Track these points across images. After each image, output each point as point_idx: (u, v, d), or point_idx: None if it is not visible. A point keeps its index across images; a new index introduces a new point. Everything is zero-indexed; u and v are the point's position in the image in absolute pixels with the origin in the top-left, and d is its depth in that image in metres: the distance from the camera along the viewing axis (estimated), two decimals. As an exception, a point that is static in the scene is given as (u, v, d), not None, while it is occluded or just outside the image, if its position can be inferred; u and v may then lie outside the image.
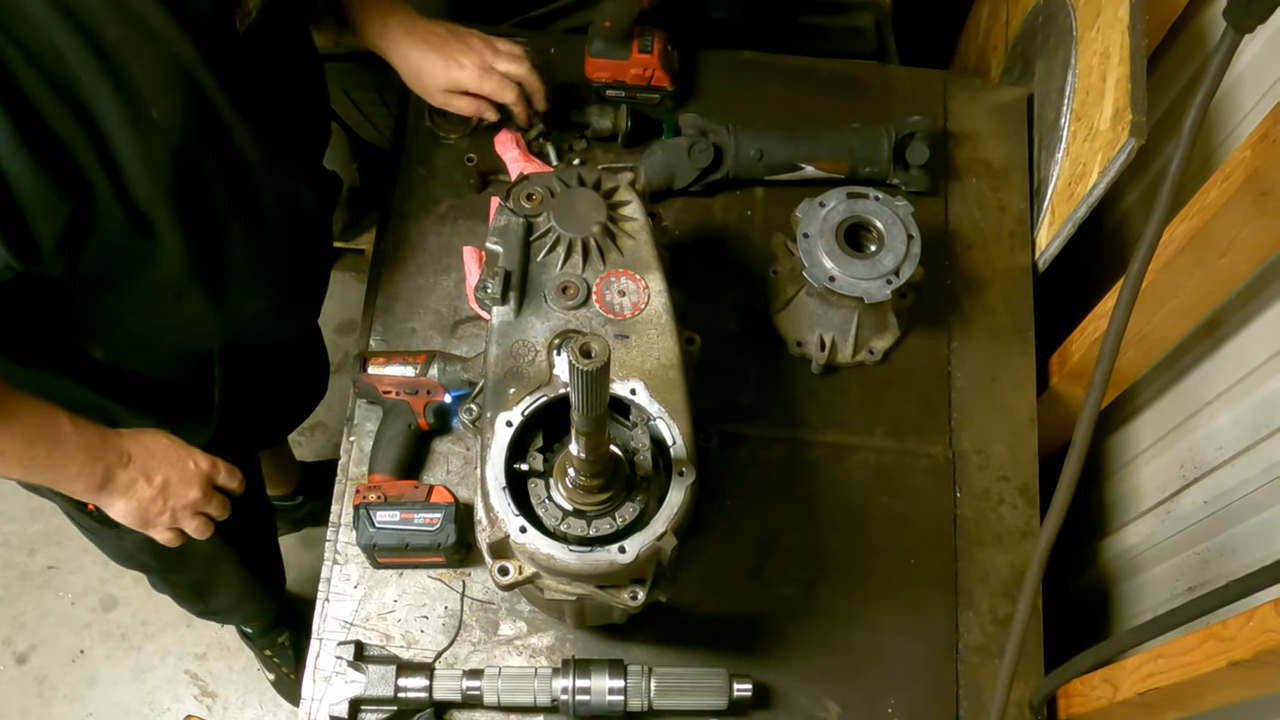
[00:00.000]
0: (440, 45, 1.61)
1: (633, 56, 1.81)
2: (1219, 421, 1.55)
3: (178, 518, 1.51)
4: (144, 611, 2.61)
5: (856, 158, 1.80)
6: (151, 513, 1.48)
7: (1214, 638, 1.17)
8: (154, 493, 1.47)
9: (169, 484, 1.48)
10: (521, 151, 1.78)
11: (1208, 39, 1.66)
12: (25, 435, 1.35)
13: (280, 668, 2.50)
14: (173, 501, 1.49)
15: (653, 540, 1.21)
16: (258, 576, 2.12)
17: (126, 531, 1.70)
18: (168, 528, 1.52)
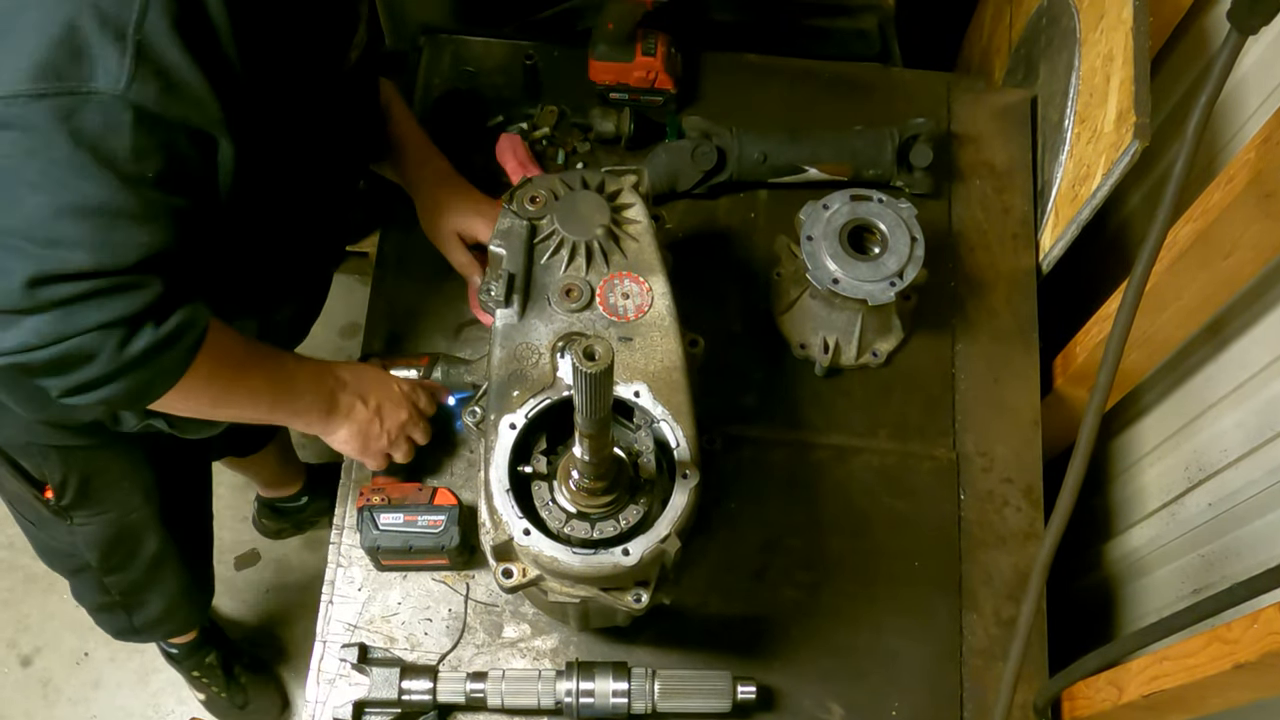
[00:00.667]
0: (466, 195, 1.66)
1: (636, 59, 1.81)
2: (1223, 424, 1.55)
3: (393, 440, 1.53)
4: (148, 614, 2.61)
5: (860, 160, 1.80)
6: (371, 435, 1.50)
7: (1219, 640, 1.17)
8: (370, 415, 1.49)
9: (382, 406, 1.50)
10: (518, 162, 1.78)
11: (1211, 41, 1.65)
12: (267, 376, 1.38)
13: (210, 687, 2.45)
14: (388, 423, 1.51)
15: (656, 542, 1.21)
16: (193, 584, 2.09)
17: (79, 524, 1.71)
18: (383, 452, 1.53)
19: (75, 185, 1.05)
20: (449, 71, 1.92)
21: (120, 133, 1.05)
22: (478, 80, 1.91)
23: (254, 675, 2.51)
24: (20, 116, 1.02)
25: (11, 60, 1.02)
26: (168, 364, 1.18)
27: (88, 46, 1.02)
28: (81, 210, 1.06)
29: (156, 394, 1.21)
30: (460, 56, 1.94)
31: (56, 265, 1.06)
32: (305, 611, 2.61)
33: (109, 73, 1.03)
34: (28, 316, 1.07)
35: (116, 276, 1.09)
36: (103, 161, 1.05)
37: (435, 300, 1.74)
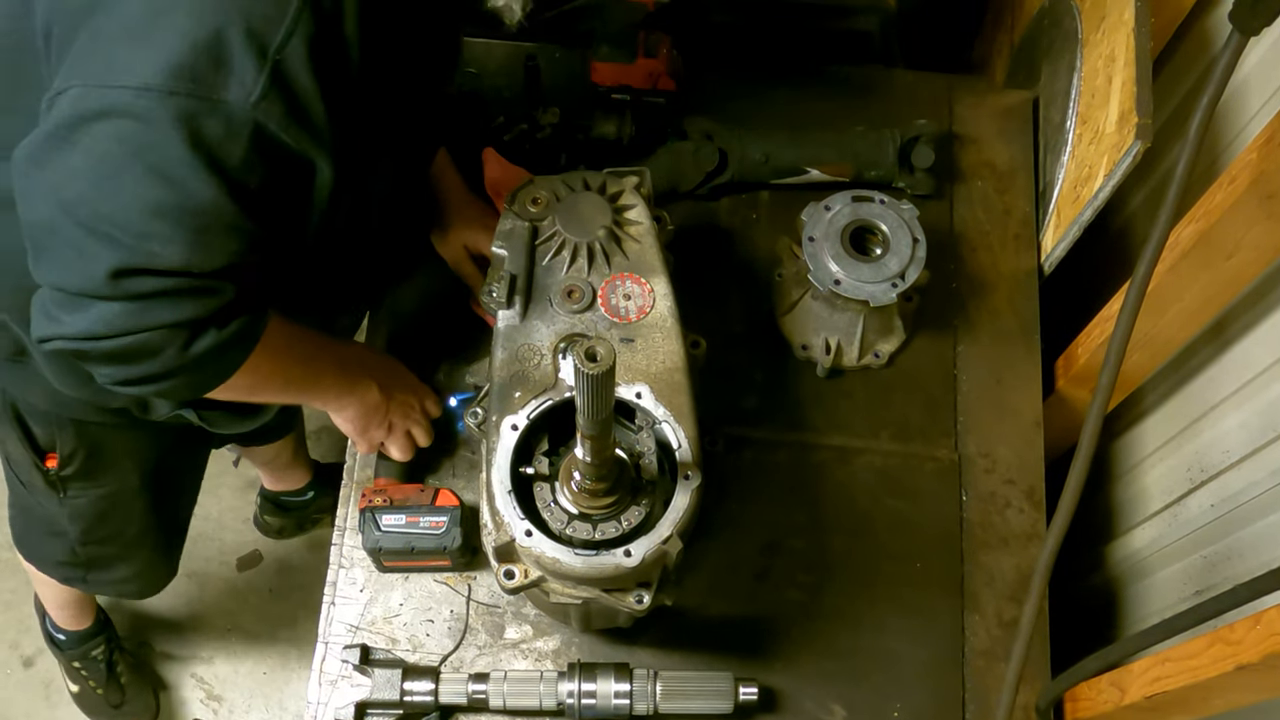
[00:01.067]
0: (474, 208, 1.67)
1: (638, 61, 1.81)
2: (1226, 424, 1.55)
3: (393, 428, 1.54)
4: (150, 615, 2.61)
5: (862, 161, 1.80)
6: (374, 419, 1.51)
7: (1221, 641, 1.17)
8: (380, 398, 1.50)
9: (393, 394, 1.52)
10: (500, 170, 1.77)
11: (1213, 41, 1.65)
12: (302, 362, 1.40)
13: (88, 681, 2.41)
14: (394, 413, 1.53)
15: (658, 544, 1.21)
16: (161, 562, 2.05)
17: (71, 497, 1.71)
18: (381, 438, 1.54)
19: (180, 185, 1.06)
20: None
21: (237, 144, 1.06)
22: (480, 82, 1.91)
23: (134, 675, 2.47)
24: (145, 109, 1.03)
25: (151, 55, 1.03)
26: (220, 368, 1.20)
27: (230, 57, 1.04)
28: (180, 210, 1.07)
29: (200, 393, 1.22)
30: (462, 58, 1.93)
31: (145, 259, 1.07)
32: (307, 613, 2.60)
33: (243, 85, 1.05)
34: (100, 303, 1.08)
35: (198, 279, 1.10)
36: (213, 167, 1.06)
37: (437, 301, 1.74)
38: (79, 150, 1.05)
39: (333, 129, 1.12)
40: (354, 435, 1.53)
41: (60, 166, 1.06)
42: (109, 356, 1.12)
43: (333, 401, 1.47)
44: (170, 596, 2.55)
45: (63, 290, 1.09)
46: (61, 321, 1.10)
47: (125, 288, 1.07)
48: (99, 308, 1.08)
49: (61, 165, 1.06)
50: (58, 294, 1.10)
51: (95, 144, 1.05)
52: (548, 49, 1.92)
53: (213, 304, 1.12)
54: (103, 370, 1.15)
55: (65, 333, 1.10)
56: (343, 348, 1.50)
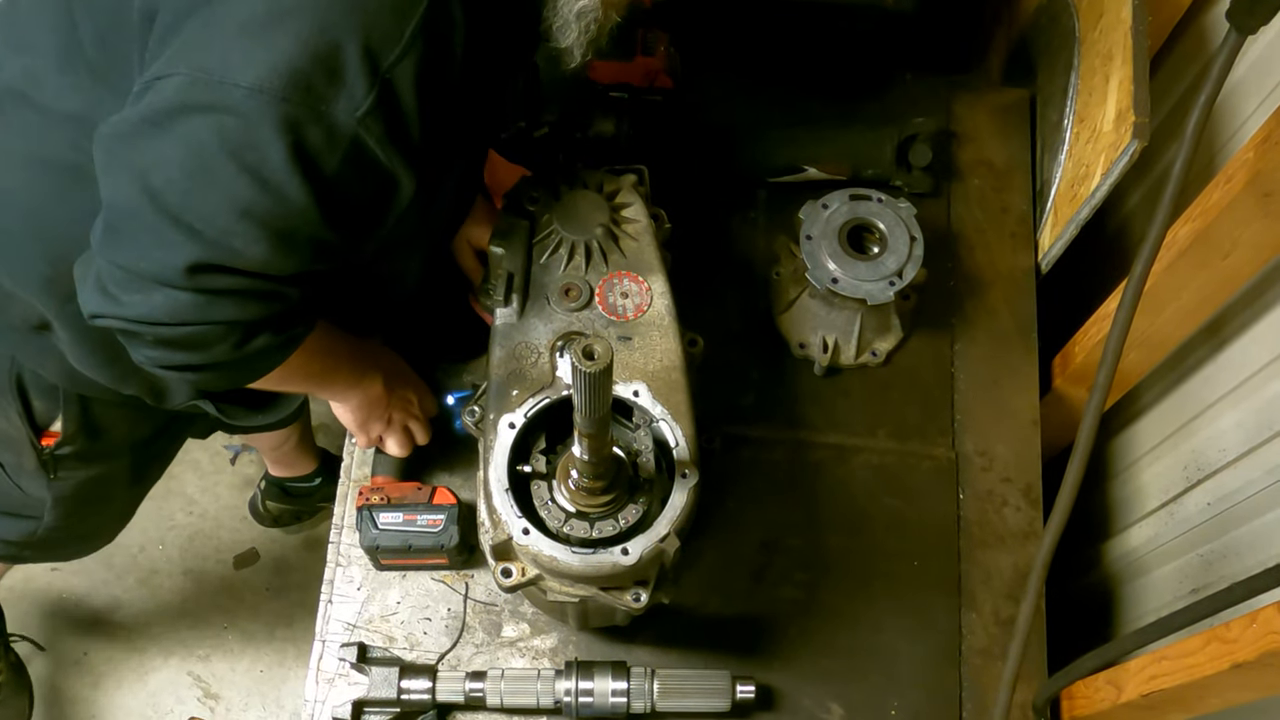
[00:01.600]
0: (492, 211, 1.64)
1: (636, 59, 1.81)
2: (1222, 423, 1.55)
3: (391, 423, 1.54)
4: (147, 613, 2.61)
5: (859, 159, 1.80)
6: (376, 411, 1.51)
7: (1217, 640, 1.17)
8: (382, 391, 1.50)
9: (394, 390, 1.52)
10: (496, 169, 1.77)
11: (1210, 40, 1.65)
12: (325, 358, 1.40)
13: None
14: (394, 408, 1.53)
15: (655, 542, 1.21)
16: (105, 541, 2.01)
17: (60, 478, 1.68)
18: (380, 432, 1.54)
19: (274, 189, 1.06)
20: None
21: (334, 156, 1.07)
22: (477, 79, 1.91)
23: (14, 674, 2.43)
24: (253, 110, 1.03)
25: (268, 56, 1.03)
26: (263, 368, 1.21)
27: (343, 70, 1.04)
28: (269, 213, 1.07)
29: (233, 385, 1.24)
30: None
31: (226, 257, 1.07)
32: (304, 611, 2.60)
33: (352, 99, 1.05)
34: (169, 290, 1.07)
35: (271, 281, 1.11)
36: (308, 175, 1.06)
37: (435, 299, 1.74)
38: (175, 138, 1.04)
39: (424, 148, 1.13)
40: (354, 427, 1.53)
41: (152, 151, 1.05)
42: (162, 341, 1.11)
43: (340, 393, 1.48)
44: (167, 594, 2.55)
45: (130, 271, 1.08)
46: (121, 301, 1.09)
47: (200, 282, 1.07)
48: (166, 294, 1.08)
49: (153, 150, 1.05)
50: (121, 273, 1.08)
51: (193, 135, 1.04)
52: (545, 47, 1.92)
53: (277, 307, 1.13)
54: (148, 353, 1.14)
55: (124, 313, 1.09)
56: (355, 341, 1.51)
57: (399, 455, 1.57)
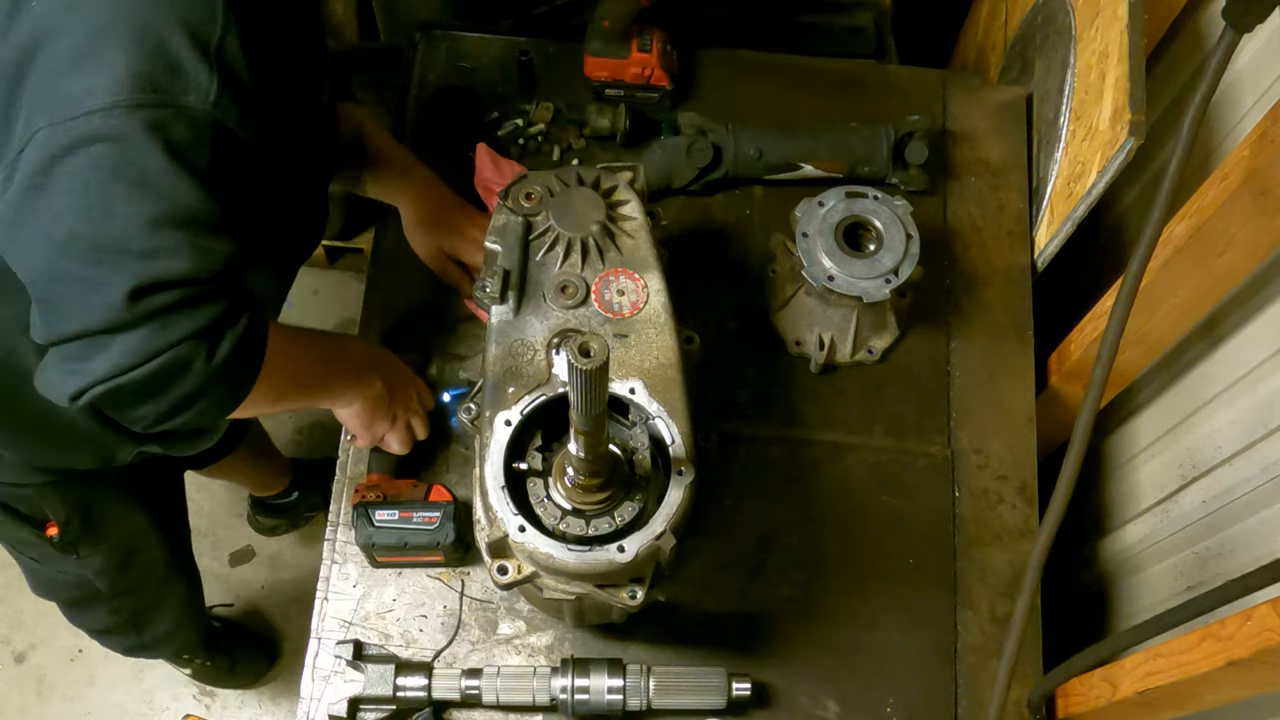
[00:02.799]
0: (450, 209, 1.67)
1: (632, 55, 1.81)
2: (1218, 421, 1.55)
3: (395, 420, 1.53)
4: (143, 611, 2.61)
5: (855, 157, 1.80)
6: (378, 413, 1.50)
7: (1212, 637, 1.17)
8: (380, 390, 1.49)
9: (393, 386, 1.51)
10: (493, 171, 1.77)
11: (1206, 38, 1.65)
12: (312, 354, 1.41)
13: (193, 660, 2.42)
14: (395, 405, 1.52)
15: (651, 539, 1.21)
16: (194, 593, 2.10)
17: (85, 556, 1.73)
18: (384, 432, 1.54)
19: (170, 195, 1.07)
20: (444, 68, 1.92)
21: (204, 146, 1.08)
22: (473, 77, 1.91)
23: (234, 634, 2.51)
24: (116, 128, 1.04)
25: (107, 73, 1.04)
26: (246, 370, 1.19)
27: (180, 61, 1.06)
28: (176, 219, 1.08)
29: (239, 400, 1.21)
30: (455, 53, 1.93)
31: (157, 273, 1.07)
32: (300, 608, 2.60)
33: (200, 88, 1.07)
34: (121, 334, 1.07)
35: (205, 284, 1.11)
36: (193, 172, 1.07)
37: (430, 297, 1.74)
38: (58, 189, 1.05)
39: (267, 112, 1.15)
40: (358, 429, 1.52)
41: (43, 212, 1.06)
42: (144, 387, 1.11)
43: (341, 398, 1.47)
44: (163, 592, 2.54)
45: (82, 335, 1.08)
46: (89, 369, 1.09)
47: (144, 307, 1.07)
48: (122, 339, 1.08)
49: (44, 210, 1.06)
50: (73, 345, 1.09)
51: (74, 178, 1.05)
52: (542, 44, 1.92)
53: (222, 305, 1.13)
54: (140, 410, 1.14)
55: (97, 376, 1.09)
56: (344, 342, 1.50)
57: (401, 452, 1.57)
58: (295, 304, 2.90)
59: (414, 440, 1.58)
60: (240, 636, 2.53)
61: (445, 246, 1.66)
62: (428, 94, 1.89)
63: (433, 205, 1.67)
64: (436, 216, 1.66)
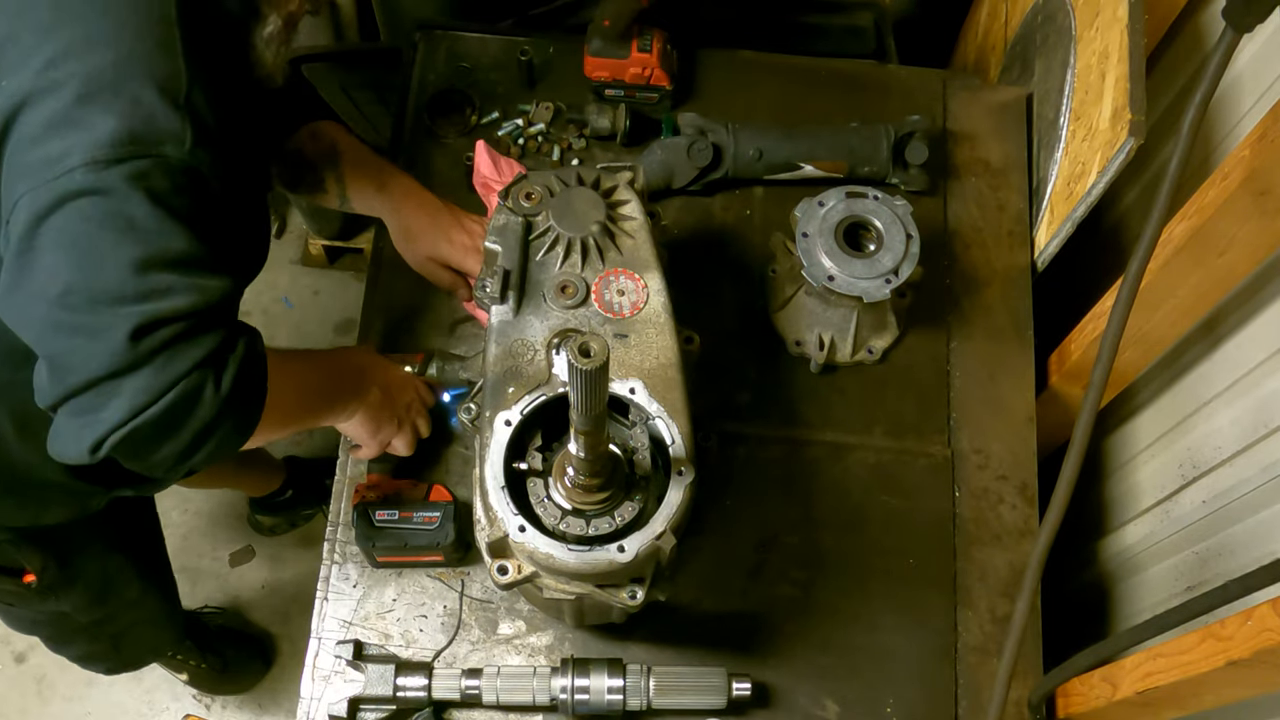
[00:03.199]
0: (435, 216, 1.67)
1: (632, 56, 1.81)
2: (1218, 421, 1.55)
3: (400, 424, 1.54)
4: (143, 611, 2.61)
5: (855, 157, 1.80)
6: (382, 419, 1.51)
7: (1212, 637, 1.17)
8: (381, 397, 1.50)
9: (390, 387, 1.52)
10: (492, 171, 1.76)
11: (1206, 38, 1.66)
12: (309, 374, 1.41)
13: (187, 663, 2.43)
14: (397, 408, 1.53)
15: (652, 539, 1.21)
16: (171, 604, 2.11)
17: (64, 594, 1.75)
18: (390, 437, 1.54)
19: (158, 239, 1.10)
20: (444, 67, 1.92)
21: (184, 192, 1.12)
22: (473, 76, 1.91)
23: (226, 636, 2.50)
24: (98, 181, 1.07)
25: (86, 134, 1.08)
26: (255, 391, 1.21)
27: (155, 114, 1.10)
28: (167, 261, 1.10)
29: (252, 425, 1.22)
30: (455, 53, 1.93)
31: (156, 312, 1.09)
32: (300, 608, 2.60)
33: (176, 137, 1.11)
34: (129, 376, 1.09)
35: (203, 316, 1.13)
36: (177, 216, 1.11)
37: (430, 296, 1.74)
38: (47, 248, 1.08)
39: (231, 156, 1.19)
40: (364, 439, 1.53)
41: (37, 272, 1.08)
42: (160, 426, 1.12)
43: (344, 412, 1.47)
44: (163, 592, 2.54)
45: (91, 384, 1.10)
46: (103, 417, 1.10)
47: (147, 346, 1.09)
48: (131, 380, 1.09)
49: (38, 270, 1.08)
50: (87, 395, 1.10)
51: (62, 233, 1.07)
52: (542, 43, 1.92)
53: (221, 334, 1.15)
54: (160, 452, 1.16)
55: (113, 422, 1.10)
56: (336, 357, 1.50)
57: (408, 454, 1.57)
58: (295, 304, 2.90)
59: (419, 439, 1.58)
60: (233, 639, 2.52)
61: (434, 254, 1.66)
62: (427, 94, 1.89)
63: (417, 215, 1.66)
64: (422, 225, 1.66)
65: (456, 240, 1.65)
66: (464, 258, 1.65)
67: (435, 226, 1.65)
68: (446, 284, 1.69)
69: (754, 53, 1.97)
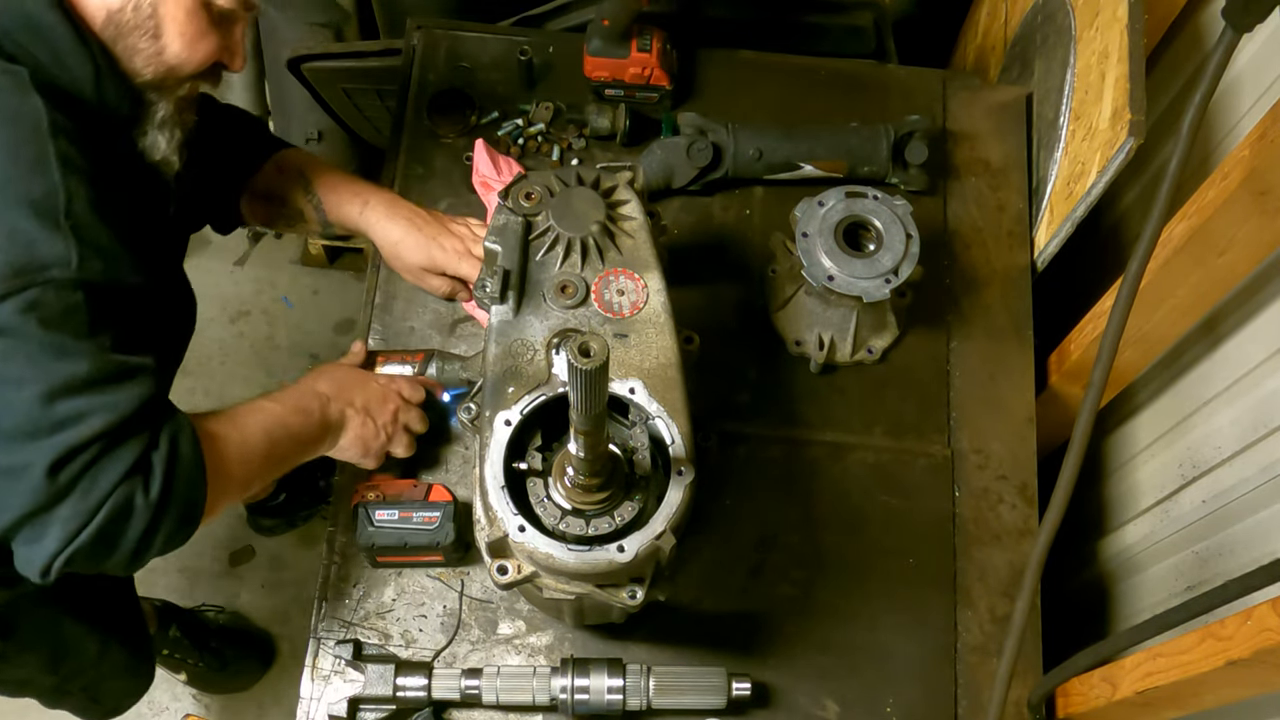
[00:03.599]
0: (422, 226, 1.66)
1: (631, 55, 1.81)
2: (1217, 421, 1.55)
3: (391, 436, 1.54)
4: (142, 610, 2.61)
5: (855, 157, 1.80)
6: (369, 437, 1.51)
7: (1212, 637, 1.17)
8: (363, 417, 1.50)
9: (369, 404, 1.51)
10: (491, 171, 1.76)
11: (1206, 38, 1.66)
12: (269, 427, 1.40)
13: (185, 662, 2.43)
14: (381, 419, 1.52)
15: (651, 539, 1.21)
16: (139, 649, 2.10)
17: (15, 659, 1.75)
18: (383, 449, 1.54)
19: (59, 368, 1.11)
20: (444, 67, 1.92)
21: (79, 310, 1.13)
22: (473, 76, 1.91)
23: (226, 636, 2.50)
24: None
25: None
26: (192, 482, 1.22)
27: (34, 241, 1.10)
28: (73, 387, 1.12)
29: (198, 513, 1.24)
30: (455, 52, 1.93)
31: (70, 442, 1.11)
32: (300, 608, 2.60)
33: (60, 258, 1.11)
34: (56, 508, 1.11)
35: (120, 430, 1.14)
36: (77, 337, 1.12)
37: (430, 296, 1.74)
38: None
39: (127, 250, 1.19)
40: (358, 459, 1.53)
41: None
42: (98, 544, 1.14)
43: (322, 444, 1.48)
44: (163, 591, 2.54)
45: (23, 521, 1.12)
46: (44, 546, 1.13)
47: (66, 477, 1.11)
48: (59, 511, 1.12)
49: None
50: (24, 530, 1.13)
51: None
52: (541, 43, 1.92)
53: (142, 440, 1.16)
54: (110, 561, 1.18)
55: (52, 550, 1.13)
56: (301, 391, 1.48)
57: (407, 455, 1.57)
58: (295, 304, 2.90)
59: (416, 439, 1.58)
60: (233, 639, 2.52)
61: (427, 263, 1.65)
62: (426, 93, 1.89)
63: (403, 228, 1.65)
64: (410, 237, 1.65)
65: (448, 246, 1.65)
66: (457, 263, 1.65)
67: (423, 236, 1.65)
68: (443, 291, 1.69)
69: (754, 53, 1.97)
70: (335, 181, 1.66)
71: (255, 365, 2.84)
